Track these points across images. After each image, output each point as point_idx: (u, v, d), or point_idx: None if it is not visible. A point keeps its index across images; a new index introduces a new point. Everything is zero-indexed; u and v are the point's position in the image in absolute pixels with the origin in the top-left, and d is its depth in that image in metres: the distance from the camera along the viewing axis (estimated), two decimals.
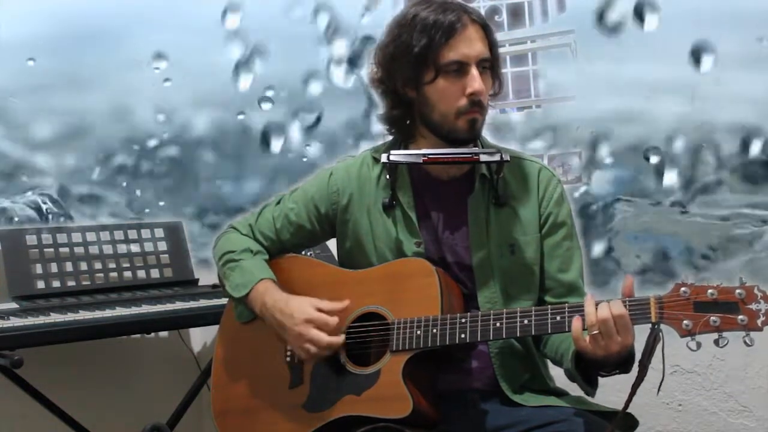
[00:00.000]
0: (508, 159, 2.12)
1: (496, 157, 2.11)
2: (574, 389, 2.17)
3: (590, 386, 2.03)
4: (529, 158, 2.27)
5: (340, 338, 2.12)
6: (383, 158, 2.16)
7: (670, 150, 3.02)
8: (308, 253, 2.69)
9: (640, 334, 1.90)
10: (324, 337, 2.10)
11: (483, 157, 2.12)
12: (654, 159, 3.03)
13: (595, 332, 1.88)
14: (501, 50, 2.23)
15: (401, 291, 2.12)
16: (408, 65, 2.12)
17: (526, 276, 2.18)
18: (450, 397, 2.13)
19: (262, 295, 2.21)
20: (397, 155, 2.15)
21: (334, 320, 2.11)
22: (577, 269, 2.21)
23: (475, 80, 2.08)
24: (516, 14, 3.19)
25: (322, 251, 2.84)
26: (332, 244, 2.41)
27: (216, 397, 2.31)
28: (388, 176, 2.19)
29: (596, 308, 1.89)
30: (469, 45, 2.09)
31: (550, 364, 2.24)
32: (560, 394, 2.19)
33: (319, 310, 2.12)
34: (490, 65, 2.14)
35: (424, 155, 2.13)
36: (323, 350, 2.11)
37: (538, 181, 2.22)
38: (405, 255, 2.18)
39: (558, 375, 2.20)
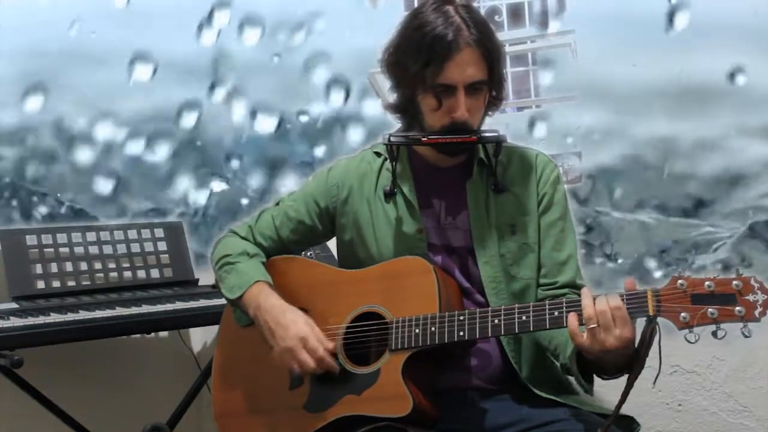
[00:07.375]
0: (506, 139, 2.14)
1: (494, 135, 2.13)
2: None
3: (587, 383, 2.02)
4: (527, 147, 2.30)
5: (323, 367, 2.11)
6: (383, 139, 2.18)
7: None
8: (308, 254, 2.70)
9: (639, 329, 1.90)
10: (311, 364, 2.10)
11: (481, 137, 2.14)
12: None
13: (593, 326, 1.87)
14: None
15: (399, 290, 2.12)
16: (403, 77, 2.14)
17: (527, 255, 2.19)
18: (451, 396, 2.13)
19: (257, 296, 2.21)
20: (398, 136, 2.17)
21: (323, 348, 2.11)
22: (570, 250, 2.22)
23: (460, 106, 2.09)
24: (516, 14, 3.18)
25: (322, 251, 2.85)
26: (332, 244, 2.41)
27: (217, 399, 2.32)
28: (388, 160, 2.21)
29: (594, 301, 1.89)
30: (460, 70, 2.07)
31: None
32: (565, 391, 2.19)
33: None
34: (487, 84, 2.13)
35: (423, 135, 2.14)
36: (305, 374, 2.13)
37: (536, 164, 2.24)
38: (407, 242, 2.19)
39: None
